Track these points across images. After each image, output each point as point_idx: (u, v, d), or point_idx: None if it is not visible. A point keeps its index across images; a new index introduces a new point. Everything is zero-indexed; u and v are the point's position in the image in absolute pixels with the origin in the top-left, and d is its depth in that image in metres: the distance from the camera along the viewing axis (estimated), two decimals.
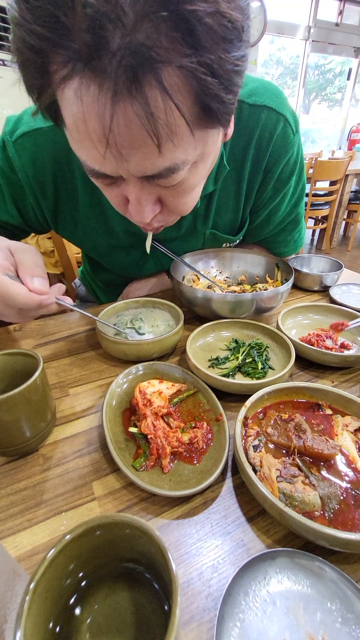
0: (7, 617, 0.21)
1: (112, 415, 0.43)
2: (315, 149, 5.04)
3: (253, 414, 0.42)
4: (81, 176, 0.58)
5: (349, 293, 0.75)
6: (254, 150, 0.59)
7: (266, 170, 0.62)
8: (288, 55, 5.35)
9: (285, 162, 0.61)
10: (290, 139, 0.59)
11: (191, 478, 0.36)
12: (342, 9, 4.79)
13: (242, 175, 0.62)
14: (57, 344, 0.62)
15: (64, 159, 0.57)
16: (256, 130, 0.57)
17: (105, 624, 0.24)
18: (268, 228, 0.73)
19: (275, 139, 0.58)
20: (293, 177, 0.65)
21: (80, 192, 0.60)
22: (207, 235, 0.71)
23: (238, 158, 0.60)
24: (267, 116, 0.56)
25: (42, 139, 0.55)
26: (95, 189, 0.57)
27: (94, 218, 0.64)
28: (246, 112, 0.56)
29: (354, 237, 4.00)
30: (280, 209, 0.69)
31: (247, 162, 0.60)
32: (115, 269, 0.77)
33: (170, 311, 0.64)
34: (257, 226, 0.73)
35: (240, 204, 0.67)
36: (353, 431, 0.40)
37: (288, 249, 0.79)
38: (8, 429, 0.37)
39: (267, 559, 0.28)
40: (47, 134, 0.55)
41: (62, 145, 0.55)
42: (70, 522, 0.34)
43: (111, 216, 0.63)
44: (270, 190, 0.65)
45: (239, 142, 0.59)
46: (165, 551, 0.21)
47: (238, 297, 0.57)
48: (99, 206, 0.62)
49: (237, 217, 0.70)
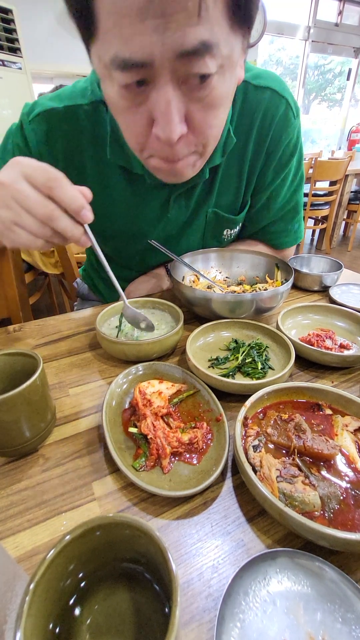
0: (7, 617, 0.21)
1: (112, 415, 0.43)
2: (315, 149, 5.05)
3: (253, 414, 0.42)
4: (90, 158, 0.61)
5: (348, 293, 0.75)
6: (257, 130, 0.62)
7: (268, 152, 0.64)
8: (288, 55, 5.35)
9: (286, 144, 0.64)
10: (292, 121, 0.62)
11: (191, 478, 0.36)
12: (342, 9, 4.80)
13: (245, 156, 0.64)
14: (57, 344, 0.62)
15: (75, 140, 0.59)
16: (260, 110, 0.60)
17: (105, 625, 0.24)
18: (268, 214, 0.74)
19: (277, 120, 0.61)
20: (293, 161, 0.67)
21: (88, 173, 0.62)
22: (210, 215, 0.71)
23: (242, 138, 0.62)
24: (270, 97, 0.59)
25: (56, 118, 0.58)
26: (103, 172, 0.61)
27: (100, 201, 0.64)
28: (251, 92, 0.59)
29: (353, 237, 4.00)
30: (280, 193, 0.71)
31: (250, 142, 0.63)
32: (119, 257, 0.77)
33: (170, 311, 0.64)
34: (257, 211, 0.74)
35: (242, 184, 0.68)
36: (353, 431, 0.40)
37: (289, 239, 0.79)
38: (8, 429, 0.37)
39: (267, 559, 0.28)
40: (61, 114, 0.57)
41: (74, 126, 0.58)
42: (70, 523, 0.34)
43: (118, 200, 0.65)
44: (271, 172, 0.67)
45: (244, 121, 0.61)
46: (165, 551, 0.21)
47: (238, 297, 0.57)
48: (107, 189, 0.63)
49: (237, 199, 0.71)
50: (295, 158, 0.67)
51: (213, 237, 0.77)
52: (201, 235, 0.75)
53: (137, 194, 0.65)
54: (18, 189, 0.40)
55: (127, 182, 0.63)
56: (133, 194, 0.64)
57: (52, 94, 0.60)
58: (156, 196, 0.65)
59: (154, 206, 0.66)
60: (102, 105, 0.57)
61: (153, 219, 0.68)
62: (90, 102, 0.57)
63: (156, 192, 0.64)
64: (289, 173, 0.69)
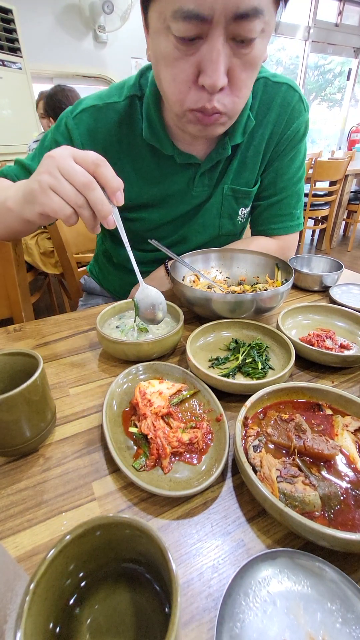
0: (7, 617, 0.21)
1: (112, 415, 0.43)
2: (315, 149, 5.04)
3: (253, 414, 0.42)
4: (126, 146, 0.69)
5: (349, 293, 0.75)
6: (275, 115, 0.71)
7: (282, 133, 0.73)
8: (288, 55, 5.35)
9: (297, 130, 0.73)
10: (302, 113, 0.72)
11: (191, 478, 0.36)
12: (342, 9, 4.80)
13: (263, 137, 0.72)
14: (57, 344, 0.62)
15: (114, 130, 0.68)
16: (278, 98, 0.70)
17: (105, 625, 0.24)
18: (274, 190, 0.79)
19: (292, 107, 0.71)
20: (300, 148, 0.76)
21: (124, 159, 0.70)
22: (226, 191, 0.76)
23: (261, 121, 0.71)
24: (286, 89, 0.70)
25: (98, 113, 0.67)
26: (137, 156, 0.70)
27: (133, 180, 0.72)
28: (270, 86, 0.70)
29: (353, 237, 4.00)
30: (287, 172, 0.77)
31: (269, 125, 0.71)
32: (140, 229, 0.80)
33: (170, 311, 0.64)
34: (264, 188, 0.80)
35: (258, 164, 0.75)
36: (353, 431, 0.40)
37: (292, 223, 0.82)
38: (8, 429, 0.37)
39: (267, 559, 0.28)
40: (102, 110, 0.67)
41: (112, 119, 0.68)
42: (71, 523, 0.34)
43: (148, 179, 0.72)
44: (281, 150, 0.75)
45: (263, 107, 0.70)
46: (165, 551, 0.21)
47: (238, 297, 0.57)
48: (139, 171, 0.72)
49: (252, 176, 0.77)
50: (302, 147, 0.76)
51: (229, 217, 0.80)
52: (218, 213, 0.79)
53: (166, 174, 0.72)
54: (65, 161, 0.45)
55: (158, 163, 0.71)
56: (162, 173, 0.72)
57: (93, 94, 0.71)
58: (183, 175, 0.72)
59: (181, 183, 0.73)
60: (137, 98, 0.67)
61: (178, 195, 0.75)
62: (126, 98, 0.67)
63: (183, 171, 0.72)
64: (296, 156, 0.76)
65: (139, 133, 0.68)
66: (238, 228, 0.84)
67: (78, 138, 0.68)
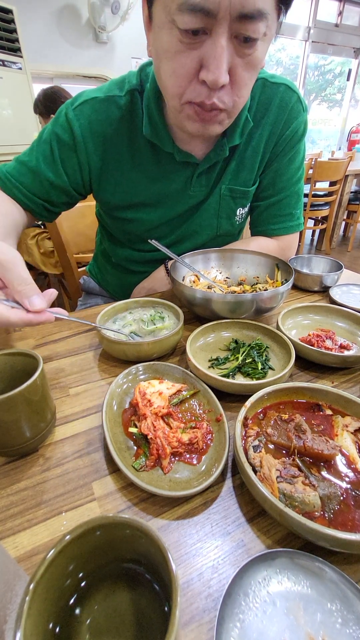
0: (7, 617, 0.21)
1: (112, 415, 0.43)
2: (315, 150, 5.05)
3: (253, 414, 0.42)
4: (126, 139, 0.69)
5: (349, 293, 0.75)
6: (273, 116, 0.71)
7: (280, 134, 0.73)
8: (288, 55, 5.35)
9: (295, 130, 0.73)
10: (301, 113, 0.72)
11: (191, 478, 0.36)
12: (342, 9, 4.80)
13: (261, 138, 0.72)
14: (57, 344, 0.62)
15: (114, 123, 0.68)
16: (276, 99, 0.70)
17: (105, 625, 0.24)
18: (273, 190, 0.79)
19: (290, 107, 0.70)
20: (299, 148, 0.75)
21: (123, 152, 0.70)
22: (224, 191, 0.76)
23: (259, 122, 0.71)
24: (284, 90, 0.70)
25: (98, 105, 0.67)
26: (136, 151, 0.70)
27: (131, 176, 0.72)
28: (268, 86, 0.70)
29: (353, 237, 4.00)
30: (285, 173, 0.77)
31: (267, 126, 0.71)
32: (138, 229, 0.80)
33: (170, 311, 0.64)
34: (263, 188, 0.79)
35: (256, 164, 0.75)
36: (353, 431, 0.40)
37: (292, 223, 0.82)
38: (8, 429, 0.37)
39: (267, 559, 0.28)
40: (103, 102, 0.67)
41: (113, 111, 0.67)
42: (70, 523, 0.34)
43: (147, 175, 0.72)
44: (279, 150, 0.75)
45: (261, 109, 0.70)
46: (165, 551, 0.21)
47: (238, 298, 0.57)
48: (138, 166, 0.71)
49: (251, 177, 0.77)
50: (301, 147, 0.76)
51: (227, 217, 0.80)
52: (216, 213, 0.79)
53: (164, 171, 0.71)
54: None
55: (157, 160, 0.71)
56: (160, 171, 0.71)
57: (92, 88, 0.70)
58: (181, 174, 0.72)
59: (179, 182, 0.73)
60: (137, 92, 0.67)
61: (175, 194, 0.75)
62: (127, 92, 0.67)
63: (182, 170, 0.71)
64: (295, 157, 0.76)
65: (140, 129, 0.68)
66: (236, 228, 0.84)
67: (78, 130, 0.67)
